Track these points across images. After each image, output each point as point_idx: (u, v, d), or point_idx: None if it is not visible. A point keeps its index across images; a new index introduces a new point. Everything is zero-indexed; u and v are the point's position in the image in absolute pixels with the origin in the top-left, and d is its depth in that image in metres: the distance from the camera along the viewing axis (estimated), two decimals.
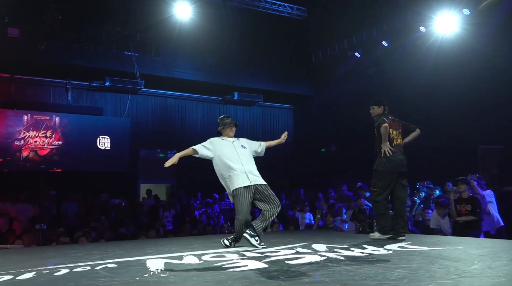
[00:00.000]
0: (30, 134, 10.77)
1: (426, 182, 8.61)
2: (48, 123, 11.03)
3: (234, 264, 3.45)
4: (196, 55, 11.99)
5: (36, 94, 11.30)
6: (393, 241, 4.77)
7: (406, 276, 2.83)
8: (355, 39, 11.82)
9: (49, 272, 3.34)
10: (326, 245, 4.47)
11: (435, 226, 6.75)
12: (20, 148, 10.62)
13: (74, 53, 10.66)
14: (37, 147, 10.84)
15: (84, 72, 11.21)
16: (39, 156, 10.88)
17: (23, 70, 10.81)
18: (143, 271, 3.29)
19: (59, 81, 11.52)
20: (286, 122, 15.10)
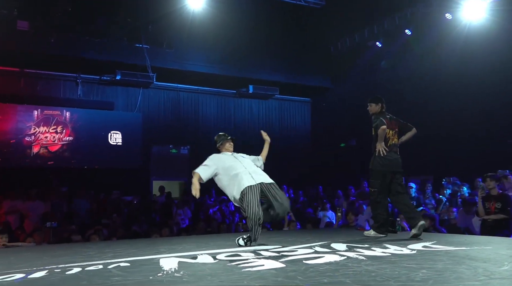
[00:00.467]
0: (41, 130, 10.96)
1: (452, 178, 8.48)
2: (59, 119, 11.21)
3: (250, 264, 3.45)
4: (209, 46, 12.01)
5: (46, 88, 11.49)
6: (417, 240, 4.72)
7: (431, 277, 2.79)
8: (376, 28, 11.68)
9: (61, 271, 3.40)
10: (346, 244, 4.44)
11: (463, 225, 6.66)
12: (30, 144, 10.82)
13: (84, 46, 10.79)
14: (48, 142, 11.03)
15: (95, 66, 11.34)
16: (50, 152, 11.07)
17: (32, 64, 10.99)
18: (157, 270, 3.33)
19: (69, 75, 11.69)
20: (303, 116, 15.05)
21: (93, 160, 11.48)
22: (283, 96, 14.30)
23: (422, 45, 10.80)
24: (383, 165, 5.21)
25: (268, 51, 12.92)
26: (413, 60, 11.08)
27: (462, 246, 4.25)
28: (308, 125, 15.07)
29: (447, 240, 4.74)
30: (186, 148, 12.94)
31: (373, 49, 12.01)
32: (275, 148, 15.67)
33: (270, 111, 14.46)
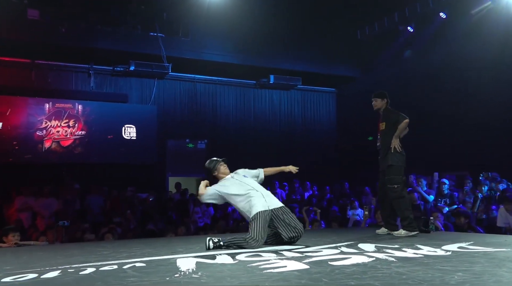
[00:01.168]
0: (52, 124, 11.18)
1: (491, 174, 8.31)
2: (71, 112, 11.41)
3: (271, 265, 3.46)
4: (227, 34, 12.01)
5: (57, 80, 11.70)
6: (451, 241, 4.65)
7: (468, 280, 2.75)
8: (407, 11, 11.47)
9: (74, 271, 3.48)
10: (374, 245, 4.42)
11: (503, 224, 6.52)
12: (42, 138, 11.05)
13: (97, 35, 10.93)
14: (60, 137, 11.25)
15: (108, 56, 11.48)
16: (61, 147, 11.29)
17: (43, 55, 11.19)
18: (174, 271, 3.37)
19: (81, 66, 11.87)
20: (328, 107, 14.95)
21: (106, 155, 11.66)
22: (306, 86, 14.22)
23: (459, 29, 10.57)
24: (403, 160, 5.50)
25: (290, 39, 12.85)
26: (449, 46, 10.85)
27: (502, 247, 4.17)
28: (333, 117, 14.96)
29: (485, 241, 4.66)
30: (204, 142, 13.02)
31: (404, 35, 11.81)
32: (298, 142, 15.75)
33: (292, 102, 14.40)
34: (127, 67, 11.78)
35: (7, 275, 3.32)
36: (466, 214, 6.71)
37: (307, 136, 14.28)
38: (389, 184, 5.41)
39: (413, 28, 11.52)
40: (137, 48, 11.45)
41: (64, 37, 10.56)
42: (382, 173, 5.56)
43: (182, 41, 11.82)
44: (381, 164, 5.57)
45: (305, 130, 14.40)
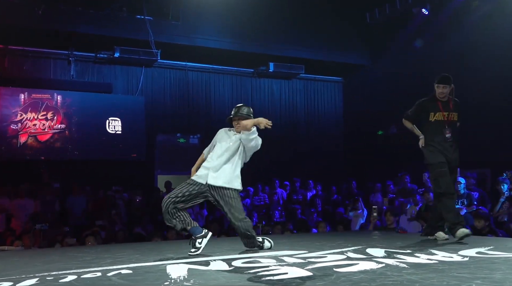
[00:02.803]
0: (28, 117, 11.15)
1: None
2: (49, 103, 11.38)
3: (271, 272, 3.48)
4: (222, 18, 11.97)
5: (34, 68, 11.65)
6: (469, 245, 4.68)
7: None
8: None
9: (54, 279, 3.49)
10: (384, 250, 4.44)
11: None
12: (17, 132, 11.03)
13: (78, 18, 10.88)
14: (37, 131, 11.23)
15: (90, 41, 11.44)
16: (39, 142, 11.27)
17: (18, 40, 11.14)
18: (163, 278, 3.38)
19: (60, 53, 11.83)
20: (334, 98, 14.95)
21: (89, 151, 11.64)
22: (309, 75, 14.21)
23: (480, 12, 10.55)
24: None
25: (291, 22, 12.81)
26: (467, 31, 10.83)
27: None
28: (340, 109, 14.96)
29: (506, 245, 4.68)
30: (196, 136, 13.01)
31: (418, 18, 11.78)
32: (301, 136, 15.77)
33: (294, 93, 14.39)
34: (111, 53, 11.74)
35: None
36: (486, 215, 6.73)
37: (310, 130, 14.28)
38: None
39: (428, 11, 11.49)
40: (122, 32, 11.41)
41: (41, 20, 10.50)
42: (451, 169, 5.45)
43: (172, 25, 11.77)
44: (451, 159, 5.43)
45: (308, 124, 14.39)
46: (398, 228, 7.23)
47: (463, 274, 3.22)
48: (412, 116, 5.75)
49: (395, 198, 9.30)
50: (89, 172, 11.33)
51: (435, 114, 5.51)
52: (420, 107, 5.67)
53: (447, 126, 5.47)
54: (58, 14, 10.74)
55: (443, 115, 5.49)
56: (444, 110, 5.51)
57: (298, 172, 12.43)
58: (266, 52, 12.94)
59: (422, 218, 7.59)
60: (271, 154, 12.79)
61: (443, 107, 5.52)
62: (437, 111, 5.51)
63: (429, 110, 5.54)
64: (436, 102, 5.56)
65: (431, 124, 5.52)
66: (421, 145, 5.57)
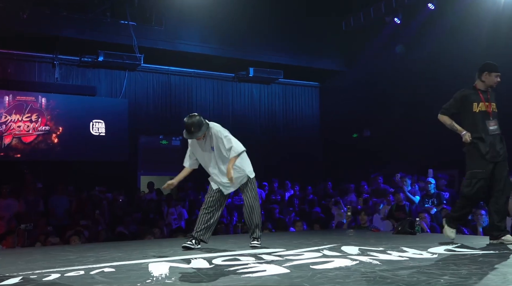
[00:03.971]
0: (13, 118, 10.97)
1: None
2: (33, 105, 11.21)
3: (250, 269, 3.49)
4: (204, 24, 11.95)
5: (18, 71, 11.46)
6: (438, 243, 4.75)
7: (455, 283, 2.82)
8: (394, 1, 11.61)
9: (37, 277, 3.43)
10: (358, 247, 4.49)
11: None
12: (1, 134, 10.83)
13: (62, 23, 10.74)
14: (21, 132, 11.05)
15: (74, 45, 11.30)
16: (23, 143, 11.09)
17: (3, 43, 10.93)
18: (145, 276, 3.36)
19: (45, 56, 11.66)
20: (311, 102, 15.03)
21: (73, 153, 11.49)
22: (288, 80, 14.26)
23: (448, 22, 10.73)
24: None
25: (271, 29, 12.86)
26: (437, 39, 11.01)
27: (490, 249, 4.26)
28: (317, 113, 15.05)
29: (472, 242, 4.76)
30: (178, 139, 12.94)
31: (391, 26, 11.95)
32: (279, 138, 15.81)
33: (273, 97, 14.43)
34: (95, 57, 11.62)
35: None
36: None
37: (289, 132, 14.33)
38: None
39: (400, 20, 11.66)
40: (106, 37, 11.30)
41: (26, 24, 10.33)
42: (500, 163, 4.82)
43: (155, 30, 11.71)
44: (498, 152, 4.82)
45: (286, 127, 14.45)
46: (371, 226, 7.30)
47: (432, 270, 3.27)
48: (451, 109, 5.10)
49: (369, 198, 9.38)
50: (73, 173, 11.18)
51: (478, 104, 4.92)
52: (461, 97, 5.04)
53: (491, 117, 4.90)
54: (43, 18, 10.59)
55: (485, 105, 4.92)
56: (485, 100, 4.94)
57: (277, 173, 12.46)
58: (246, 58, 12.96)
59: (394, 217, 7.69)
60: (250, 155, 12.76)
61: (484, 98, 4.95)
62: (480, 102, 4.92)
63: (472, 100, 4.94)
64: (477, 92, 4.98)
65: (475, 115, 4.91)
66: (467, 139, 4.87)
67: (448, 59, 10.71)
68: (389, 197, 8.47)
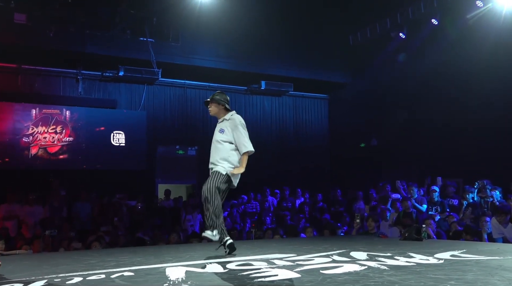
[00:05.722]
0: (39, 130, 11.10)
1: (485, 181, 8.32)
2: (58, 118, 11.34)
3: (262, 274, 3.47)
4: (218, 40, 12.03)
5: (45, 86, 11.62)
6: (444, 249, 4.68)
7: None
8: (399, 17, 11.59)
9: (61, 281, 3.45)
10: (366, 253, 4.44)
11: (498, 235, 6.57)
12: (28, 144, 10.96)
13: (85, 40, 10.88)
14: (47, 143, 11.17)
15: (96, 61, 11.45)
16: (48, 154, 11.20)
17: (30, 60, 11.12)
18: (163, 280, 3.35)
19: (69, 71, 11.81)
20: (320, 114, 15.00)
21: (95, 162, 11.59)
22: (298, 92, 14.26)
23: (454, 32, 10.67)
24: None
25: (281, 44, 12.90)
26: (441, 52, 10.96)
27: (495, 255, 4.20)
28: (325, 123, 15.02)
29: (478, 249, 4.69)
30: (194, 148, 12.99)
31: (396, 41, 11.92)
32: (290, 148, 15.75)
33: (284, 109, 14.43)
34: (116, 72, 11.75)
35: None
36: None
37: (299, 142, 14.31)
38: None
39: (405, 34, 11.63)
40: (126, 53, 11.42)
41: (52, 41, 10.50)
42: None
43: (172, 46, 11.81)
44: None
45: (297, 137, 14.43)
46: (379, 233, 7.22)
47: (439, 276, 3.23)
48: None
49: (377, 205, 9.31)
50: (95, 181, 11.27)
51: None
52: None
53: None
54: (67, 36, 10.74)
55: None
56: None
57: (288, 181, 12.42)
58: (258, 71, 13.00)
59: (401, 224, 7.60)
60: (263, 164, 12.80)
61: None
62: None
63: None
64: None
65: None
66: None
67: (451, 71, 10.65)
68: (397, 204, 8.39)
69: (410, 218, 7.70)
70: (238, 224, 9.86)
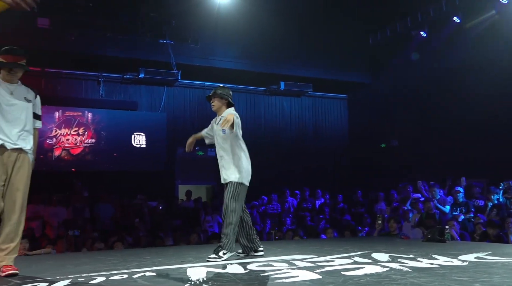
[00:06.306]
0: (62, 132, 11.29)
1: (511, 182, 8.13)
2: (80, 120, 11.51)
3: (283, 274, 3.45)
4: (237, 41, 12.06)
5: (67, 88, 11.82)
6: (468, 251, 4.60)
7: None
8: (420, 15, 11.44)
9: (84, 280, 3.50)
10: (388, 254, 4.39)
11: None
12: (52, 146, 11.16)
13: (106, 43, 11.04)
14: (70, 145, 11.35)
15: (117, 64, 11.58)
16: (71, 155, 11.39)
17: (53, 63, 11.33)
18: (184, 280, 3.37)
19: (91, 74, 11.99)
20: (340, 114, 14.91)
21: (116, 163, 11.73)
22: (317, 93, 14.20)
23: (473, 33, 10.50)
24: None
25: (300, 45, 12.85)
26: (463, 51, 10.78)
27: None
28: (345, 124, 14.92)
29: (503, 251, 4.60)
30: (213, 149, 13.01)
31: (417, 40, 11.77)
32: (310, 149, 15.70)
33: (303, 109, 14.39)
34: (137, 74, 11.88)
35: (18, 284, 3.36)
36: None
37: (318, 143, 14.24)
38: None
39: (426, 33, 11.47)
40: (146, 55, 11.54)
41: (74, 45, 10.68)
42: None
43: (192, 48, 11.88)
44: None
45: (316, 137, 14.36)
46: (401, 234, 7.14)
47: (463, 278, 3.17)
48: None
49: (399, 206, 9.20)
50: (116, 182, 11.40)
51: None
52: None
53: None
54: (88, 39, 10.90)
55: None
56: None
57: (307, 182, 12.37)
58: (277, 72, 12.98)
59: (424, 225, 7.50)
60: (283, 166, 12.78)
61: None
62: None
63: None
64: None
65: None
66: None
67: (474, 70, 10.45)
68: (419, 205, 8.28)
69: (433, 219, 7.59)
70: (258, 225, 9.86)
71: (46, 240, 7.68)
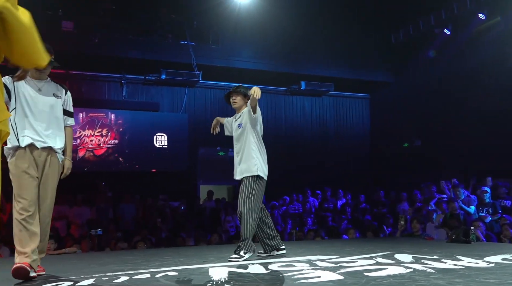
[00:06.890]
0: (86, 133, 11.48)
1: None
2: (104, 121, 11.69)
3: (304, 275, 3.44)
4: (257, 41, 12.08)
5: (91, 90, 12.02)
6: (494, 252, 4.50)
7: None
8: (443, 13, 11.26)
9: (108, 279, 3.55)
10: (412, 255, 4.33)
11: None
12: (76, 148, 11.35)
13: (129, 45, 11.20)
14: (93, 146, 11.54)
15: (139, 65, 11.73)
16: (95, 156, 11.58)
17: (77, 65, 11.52)
18: (206, 280, 3.39)
19: (113, 76, 12.17)
20: (362, 113, 14.79)
21: (139, 163, 11.88)
22: (338, 92, 14.12)
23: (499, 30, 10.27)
24: None
25: (321, 44, 12.80)
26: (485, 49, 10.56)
27: None
28: (367, 124, 14.79)
29: None
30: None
31: (440, 38, 11.58)
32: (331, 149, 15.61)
33: (324, 109, 14.31)
34: (158, 76, 12.00)
35: (43, 283, 3.42)
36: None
37: (340, 143, 14.16)
38: None
39: (450, 31, 11.28)
40: (168, 57, 11.66)
41: (97, 48, 10.86)
42: None
43: (212, 49, 11.95)
44: None
45: (338, 137, 14.28)
46: (424, 234, 7.04)
47: (489, 280, 3.10)
48: None
49: (422, 206, 9.08)
50: (139, 182, 11.55)
51: None
52: None
53: None
54: (111, 41, 11.07)
55: None
56: None
57: (329, 182, 12.31)
58: (298, 72, 12.95)
59: (448, 226, 7.38)
60: (304, 165, 12.73)
61: None
62: None
63: None
64: None
65: None
66: None
67: (498, 68, 10.24)
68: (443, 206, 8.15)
69: (457, 219, 7.46)
70: (279, 225, 9.84)
71: (71, 239, 7.82)
